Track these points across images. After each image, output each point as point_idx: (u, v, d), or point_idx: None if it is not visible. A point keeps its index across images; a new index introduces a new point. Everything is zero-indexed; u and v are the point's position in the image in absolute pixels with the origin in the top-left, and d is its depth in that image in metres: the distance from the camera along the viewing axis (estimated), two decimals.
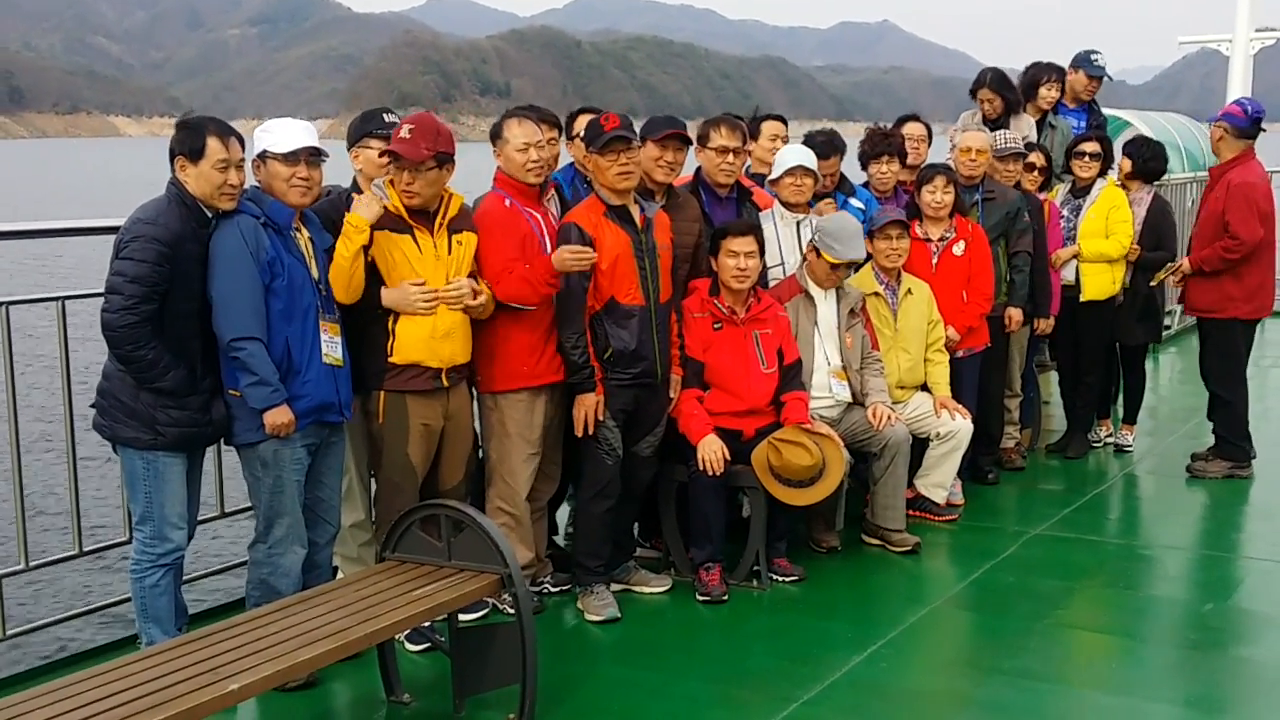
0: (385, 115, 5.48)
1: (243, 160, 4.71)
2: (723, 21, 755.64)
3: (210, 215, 4.68)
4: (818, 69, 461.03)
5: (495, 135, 5.58)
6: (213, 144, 4.61)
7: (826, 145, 7.00)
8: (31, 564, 5.46)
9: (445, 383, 5.25)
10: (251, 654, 3.88)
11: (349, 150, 5.46)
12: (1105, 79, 9.11)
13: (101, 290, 4.62)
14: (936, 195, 7.12)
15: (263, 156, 4.79)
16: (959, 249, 7.16)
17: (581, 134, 6.06)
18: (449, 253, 5.21)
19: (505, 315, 5.44)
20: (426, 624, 4.62)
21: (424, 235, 5.18)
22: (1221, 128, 7.74)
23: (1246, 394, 7.90)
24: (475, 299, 5.23)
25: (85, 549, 5.60)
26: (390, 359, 5.18)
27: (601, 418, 5.59)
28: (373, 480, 5.51)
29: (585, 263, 5.32)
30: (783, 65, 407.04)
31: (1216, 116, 7.90)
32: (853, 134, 7.58)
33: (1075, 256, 8.00)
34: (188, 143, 4.62)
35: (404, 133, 5.10)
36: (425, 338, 5.17)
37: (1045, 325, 7.93)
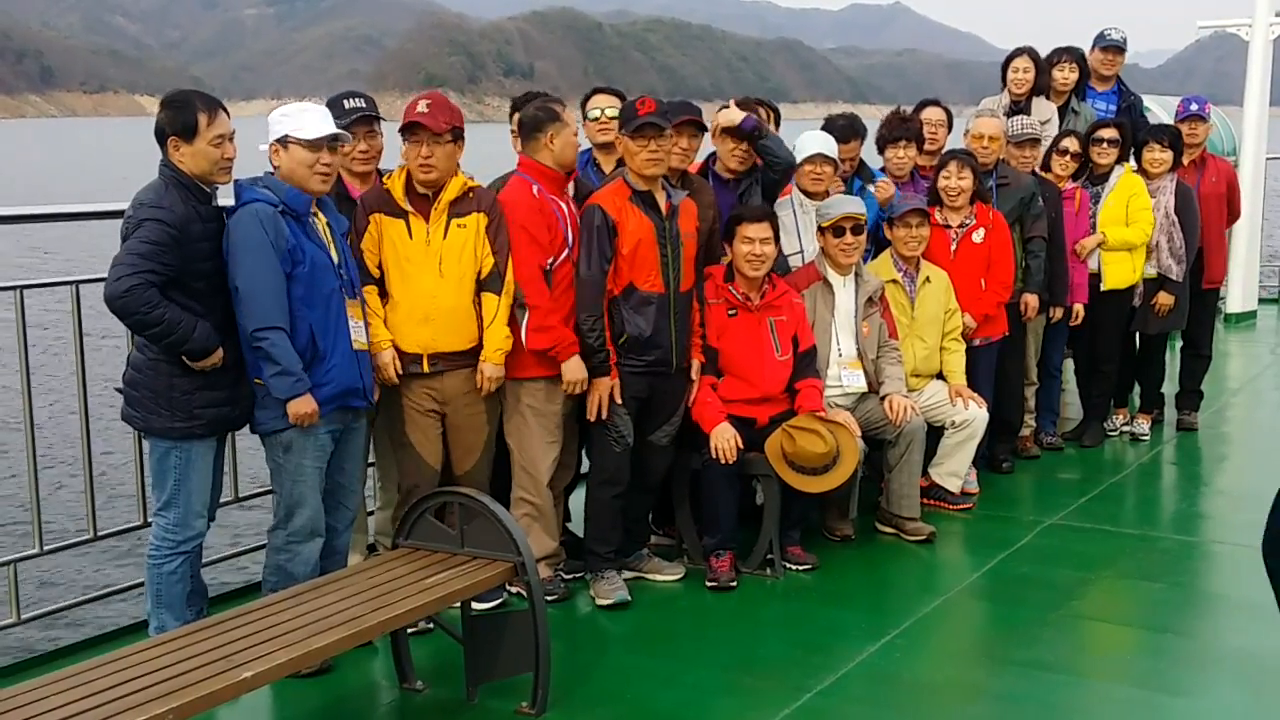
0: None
1: (233, 132, 4.69)
2: (735, 3, 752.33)
3: (209, 191, 4.67)
4: (831, 51, 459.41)
5: (538, 121, 5.50)
6: (204, 119, 4.59)
7: (847, 129, 6.95)
8: (46, 548, 5.47)
9: (425, 368, 5.24)
10: (265, 641, 3.89)
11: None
12: (1119, 50, 8.98)
13: None
14: (951, 181, 7.08)
15: (283, 141, 4.76)
16: (978, 236, 7.12)
17: (590, 114, 6.08)
18: (444, 237, 5.21)
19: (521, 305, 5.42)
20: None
21: (418, 221, 5.20)
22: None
23: None
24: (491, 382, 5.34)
25: (99, 533, 5.61)
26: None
27: (620, 401, 5.58)
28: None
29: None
30: (798, 48, 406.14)
31: (1205, 110, 8.66)
32: (869, 117, 7.52)
33: (1100, 245, 7.94)
34: (179, 121, 4.59)
35: (421, 107, 5.18)
36: (401, 321, 5.21)
37: (1059, 313, 7.87)
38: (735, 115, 6.14)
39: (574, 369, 5.45)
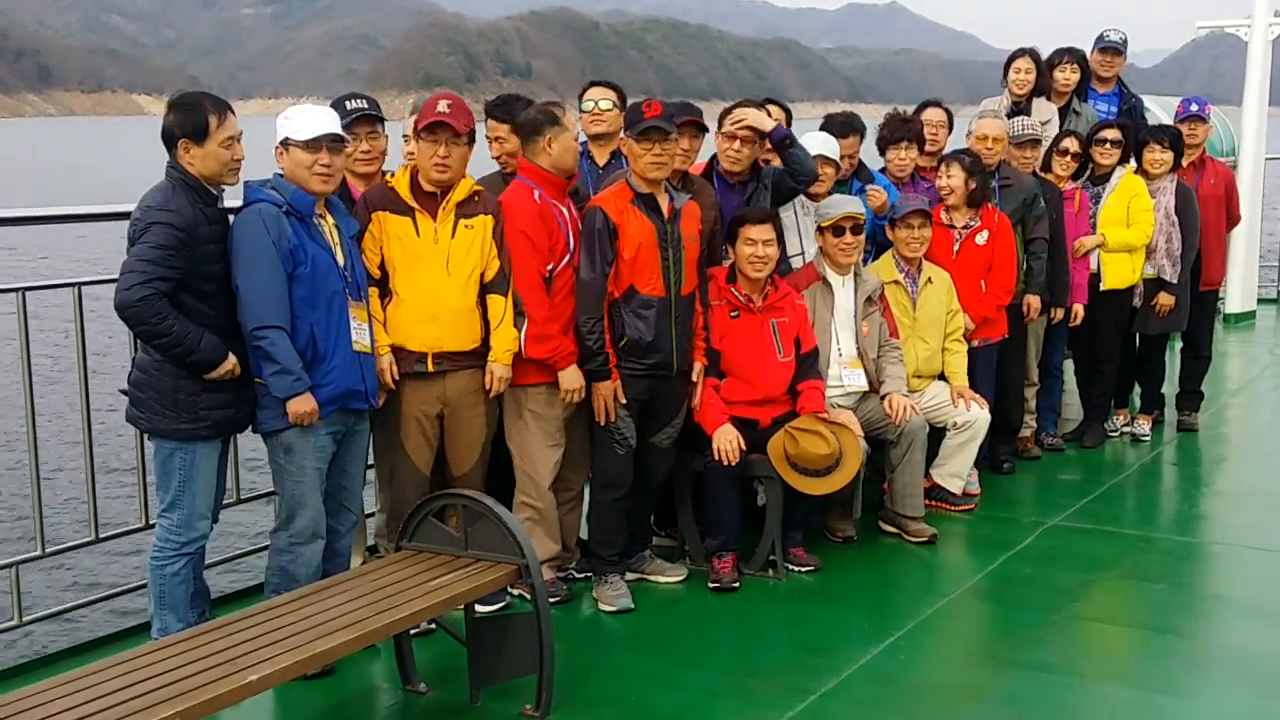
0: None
1: (241, 133, 4.70)
2: (731, 3, 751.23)
3: (216, 193, 4.67)
4: (828, 51, 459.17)
5: (537, 124, 5.46)
6: (214, 121, 4.60)
7: (845, 125, 6.95)
8: (48, 550, 5.46)
9: (430, 367, 5.23)
10: (269, 644, 3.88)
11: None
12: (1118, 51, 8.97)
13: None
14: (941, 180, 7.12)
15: (285, 144, 4.77)
16: (982, 238, 7.12)
17: (584, 107, 6.08)
18: (452, 236, 5.21)
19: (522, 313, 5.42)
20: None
21: (424, 219, 5.19)
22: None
23: None
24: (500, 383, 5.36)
25: (101, 536, 5.60)
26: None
27: (624, 400, 5.57)
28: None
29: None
30: (795, 47, 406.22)
31: (1205, 111, 8.68)
32: (866, 117, 7.51)
33: (1100, 245, 7.93)
34: (189, 124, 4.59)
35: (442, 106, 5.18)
36: (406, 319, 5.19)
37: (1060, 314, 7.86)
38: (766, 122, 6.11)
39: (571, 378, 5.46)
